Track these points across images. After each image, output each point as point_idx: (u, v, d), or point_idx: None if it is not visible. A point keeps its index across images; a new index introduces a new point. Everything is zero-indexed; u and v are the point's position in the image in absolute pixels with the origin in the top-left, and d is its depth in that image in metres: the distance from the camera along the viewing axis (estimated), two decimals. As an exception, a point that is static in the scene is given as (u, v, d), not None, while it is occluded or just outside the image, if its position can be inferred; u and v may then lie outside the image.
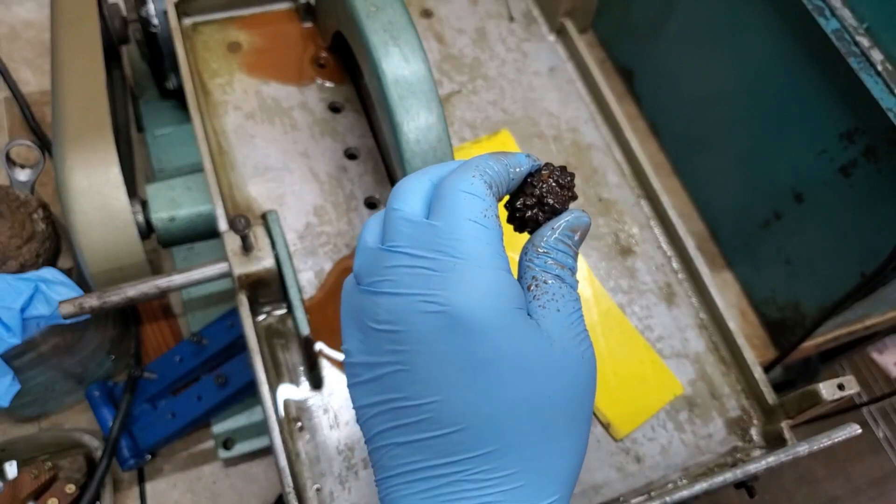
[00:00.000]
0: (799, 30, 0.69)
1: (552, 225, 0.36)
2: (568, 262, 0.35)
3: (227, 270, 0.57)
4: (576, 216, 0.36)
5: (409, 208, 0.33)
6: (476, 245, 0.32)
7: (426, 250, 0.32)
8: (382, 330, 0.32)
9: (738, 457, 0.60)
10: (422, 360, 0.31)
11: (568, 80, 0.79)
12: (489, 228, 0.33)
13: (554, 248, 0.35)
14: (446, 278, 0.31)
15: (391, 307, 0.32)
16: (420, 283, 0.31)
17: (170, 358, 0.71)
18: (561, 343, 0.32)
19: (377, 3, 0.52)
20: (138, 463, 0.69)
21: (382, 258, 0.33)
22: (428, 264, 0.31)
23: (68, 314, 0.55)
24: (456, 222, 0.32)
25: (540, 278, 0.34)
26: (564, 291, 0.34)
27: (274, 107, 0.69)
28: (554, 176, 0.37)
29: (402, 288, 0.32)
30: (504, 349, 0.31)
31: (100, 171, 0.62)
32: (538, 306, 0.33)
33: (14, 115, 0.91)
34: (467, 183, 0.33)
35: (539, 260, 0.35)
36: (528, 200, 0.37)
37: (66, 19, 0.71)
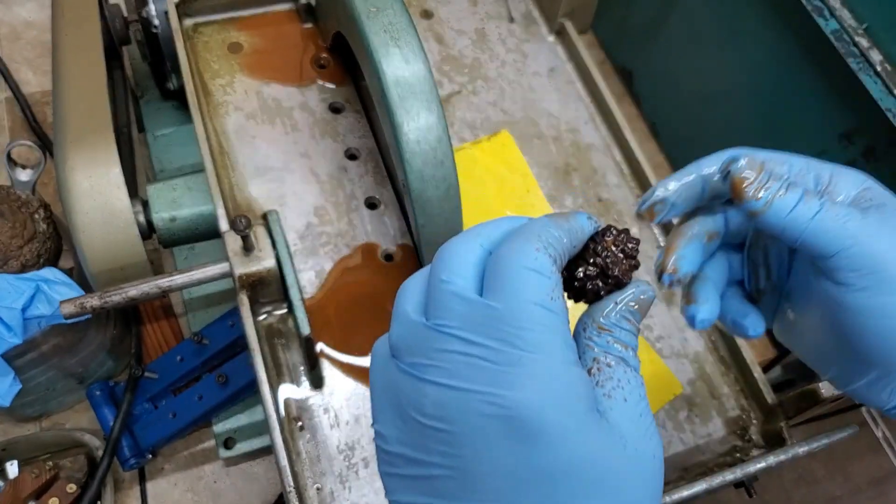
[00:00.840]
0: (798, 30, 0.69)
1: (615, 299, 0.32)
2: (632, 341, 0.31)
3: (227, 270, 0.57)
4: (642, 290, 0.32)
5: (462, 281, 0.29)
6: (544, 335, 0.28)
7: (484, 337, 0.28)
8: (430, 426, 0.28)
9: (737, 456, 0.60)
10: (480, 469, 0.27)
11: (567, 81, 0.79)
12: (557, 314, 0.29)
13: (617, 326, 0.31)
14: (511, 374, 0.27)
15: (442, 401, 0.28)
16: (479, 378, 0.27)
17: (171, 357, 0.71)
18: (633, 443, 0.28)
19: (377, 4, 0.53)
20: (139, 462, 0.69)
21: (429, 338, 0.29)
22: (487, 355, 0.27)
23: (69, 314, 0.55)
24: (520, 306, 0.28)
25: (602, 360, 0.30)
26: (630, 376, 0.30)
27: (275, 107, 0.69)
28: (618, 243, 0.33)
29: (457, 380, 0.28)
30: (576, 459, 0.27)
31: (101, 172, 0.62)
32: (603, 395, 0.29)
33: (15, 116, 0.91)
34: (532, 258, 0.29)
35: (601, 339, 0.31)
36: (590, 270, 0.33)
37: (68, 20, 0.71)
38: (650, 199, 0.37)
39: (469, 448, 0.27)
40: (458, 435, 0.27)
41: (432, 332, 0.28)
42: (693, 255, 0.37)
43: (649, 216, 0.37)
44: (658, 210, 0.37)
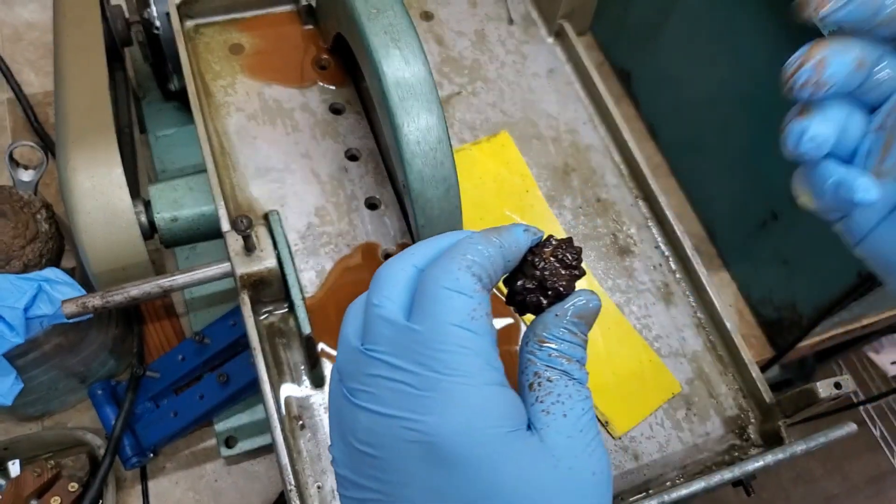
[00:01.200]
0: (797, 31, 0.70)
1: (556, 311, 0.31)
2: (576, 353, 0.30)
3: (229, 270, 0.57)
4: (583, 301, 0.31)
5: (389, 304, 0.29)
6: (462, 357, 0.27)
7: (407, 361, 0.27)
8: (362, 451, 0.28)
9: (735, 455, 0.61)
10: (405, 494, 0.27)
11: (566, 82, 0.79)
12: (478, 334, 0.28)
13: (558, 339, 0.30)
14: (428, 400, 0.27)
15: (370, 427, 0.28)
16: (400, 403, 0.27)
17: (172, 357, 0.72)
18: (567, 460, 0.27)
19: (378, 6, 0.53)
20: (141, 461, 0.69)
21: (361, 362, 0.29)
22: (408, 379, 0.27)
23: (71, 313, 0.56)
24: (439, 328, 0.27)
25: (543, 375, 0.29)
26: (572, 391, 0.29)
27: (275, 108, 0.70)
28: (557, 253, 0.32)
29: (382, 406, 0.27)
30: (497, 482, 0.26)
31: (103, 172, 0.62)
32: (541, 411, 0.29)
33: (17, 116, 0.92)
34: (451, 277, 0.28)
35: (542, 353, 0.30)
36: (529, 283, 0.32)
37: (69, 21, 0.72)
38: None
39: (395, 474, 0.27)
40: (385, 461, 0.27)
41: (363, 357, 0.28)
42: (841, 65, 0.31)
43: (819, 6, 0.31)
44: None
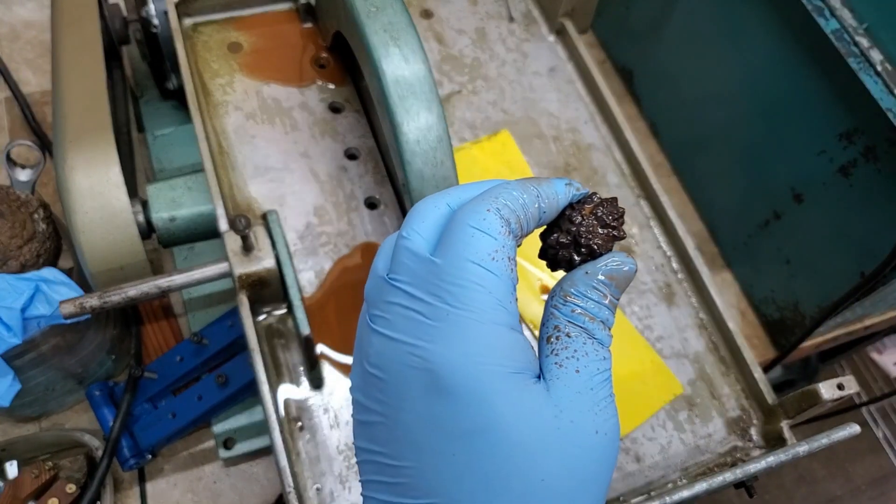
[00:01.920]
0: (798, 30, 0.69)
1: (586, 269, 0.30)
2: (600, 313, 0.30)
3: (227, 270, 0.57)
4: (616, 261, 0.30)
5: (417, 237, 0.29)
6: (475, 293, 0.27)
7: (423, 291, 0.28)
8: (371, 373, 0.29)
9: (737, 456, 0.60)
10: (403, 418, 0.28)
11: (568, 81, 0.79)
12: (496, 275, 0.28)
13: (584, 296, 0.30)
14: (436, 329, 0.27)
15: (380, 350, 0.28)
16: (410, 330, 0.28)
17: (170, 358, 0.71)
18: (570, 413, 0.27)
19: (377, 4, 0.52)
20: (139, 463, 0.69)
21: (384, 290, 0.29)
22: (422, 308, 0.28)
23: (69, 314, 0.55)
24: (457, 263, 0.28)
25: (563, 330, 0.29)
26: (589, 349, 0.29)
27: (274, 107, 0.69)
28: (598, 211, 0.31)
29: (394, 331, 0.28)
30: (492, 419, 0.26)
31: (100, 171, 0.62)
32: (554, 363, 0.29)
33: (15, 116, 0.91)
34: (479, 216, 0.29)
35: (565, 308, 0.30)
36: (563, 238, 0.32)
37: (67, 20, 0.71)
38: None
39: (395, 397, 0.28)
40: (389, 384, 0.28)
41: (387, 285, 0.29)
42: None
43: None
44: None
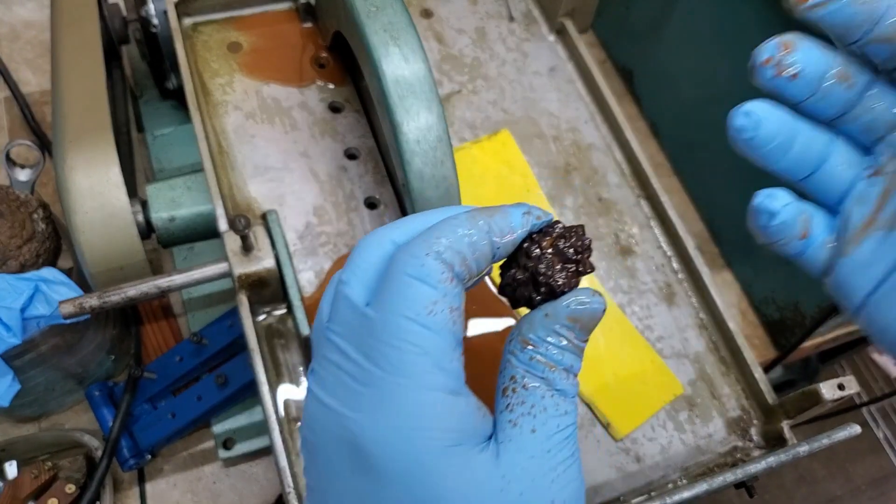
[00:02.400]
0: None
1: (546, 310, 0.27)
2: (563, 360, 0.26)
3: (227, 270, 0.57)
4: (579, 301, 0.27)
5: (356, 283, 0.26)
6: (408, 355, 0.24)
7: (355, 350, 0.25)
8: (304, 436, 0.26)
9: (738, 457, 0.60)
10: (332, 492, 0.25)
11: (568, 80, 0.79)
12: (433, 331, 0.24)
13: (544, 342, 0.26)
14: (363, 396, 0.24)
15: (314, 412, 0.26)
16: (339, 394, 0.25)
17: (170, 358, 0.71)
18: (520, 484, 0.24)
19: (377, 3, 0.52)
20: (138, 463, 0.69)
21: (321, 342, 0.26)
22: (353, 370, 0.25)
23: (68, 314, 0.55)
24: (390, 319, 0.24)
25: (520, 381, 0.26)
26: (548, 403, 0.26)
27: (274, 107, 0.69)
28: (559, 243, 0.28)
29: (325, 393, 0.25)
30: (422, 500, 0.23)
31: (100, 171, 0.62)
32: (508, 421, 0.25)
33: (14, 115, 0.91)
34: (416, 263, 0.25)
35: (523, 355, 0.26)
36: (520, 274, 0.28)
37: (67, 19, 0.71)
38: None
39: (325, 469, 0.25)
40: (318, 452, 0.26)
41: (323, 337, 0.26)
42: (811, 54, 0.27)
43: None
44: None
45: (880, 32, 0.25)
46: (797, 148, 0.28)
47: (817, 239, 0.29)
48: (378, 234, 0.28)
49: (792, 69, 0.28)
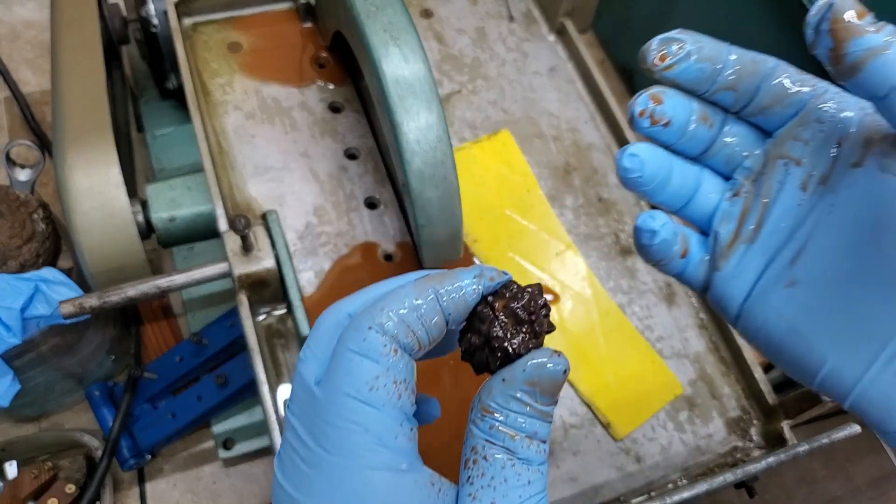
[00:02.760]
0: (798, 31, 0.69)
1: (504, 375, 0.26)
2: (527, 426, 0.25)
3: (227, 270, 0.57)
4: (535, 364, 0.26)
5: (313, 360, 0.26)
6: (350, 434, 0.24)
7: (305, 429, 0.25)
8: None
9: (738, 457, 0.60)
10: None
11: (568, 80, 0.79)
12: (375, 407, 0.24)
13: (503, 408, 0.25)
14: (309, 479, 0.24)
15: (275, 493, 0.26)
16: (292, 478, 0.25)
17: (170, 358, 0.71)
18: None
19: (377, 3, 0.52)
20: (138, 463, 0.69)
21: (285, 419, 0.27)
22: (302, 451, 0.25)
23: (68, 314, 0.55)
24: (333, 397, 0.24)
25: (480, 451, 0.25)
26: (510, 473, 0.24)
27: (274, 107, 0.69)
28: (511, 305, 0.27)
29: (282, 476, 0.25)
30: None
31: (100, 171, 0.62)
32: (468, 496, 0.24)
33: (14, 115, 0.91)
34: (359, 337, 0.25)
35: (483, 424, 0.25)
36: (475, 339, 0.27)
37: (67, 19, 0.71)
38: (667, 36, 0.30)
39: None
40: None
41: (286, 416, 0.26)
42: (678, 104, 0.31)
43: (659, 59, 0.30)
44: (671, 53, 0.30)
45: (721, 83, 0.31)
46: (674, 182, 0.32)
47: (695, 258, 0.33)
48: (334, 308, 0.28)
49: (664, 118, 0.31)
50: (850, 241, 0.28)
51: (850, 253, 0.28)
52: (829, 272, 0.29)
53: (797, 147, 0.31)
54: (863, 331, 0.28)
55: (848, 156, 0.29)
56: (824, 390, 0.31)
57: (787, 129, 0.32)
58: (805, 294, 0.30)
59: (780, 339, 0.30)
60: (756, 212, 0.31)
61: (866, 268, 0.28)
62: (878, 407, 0.29)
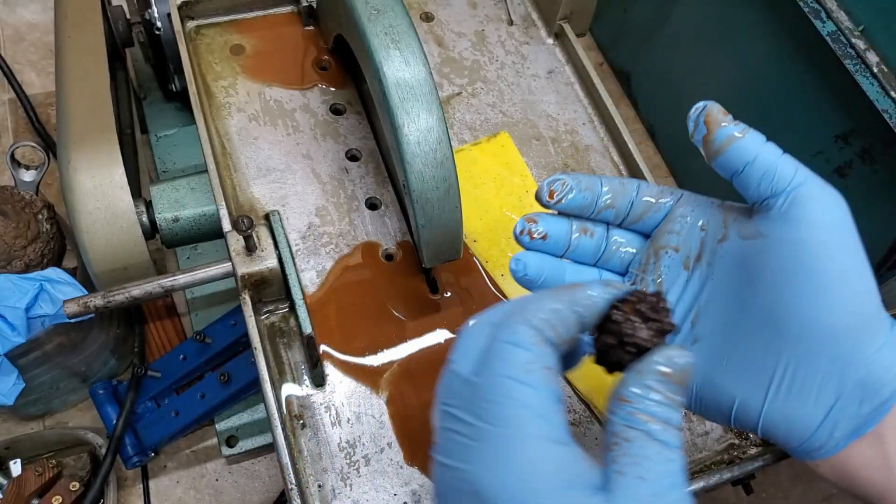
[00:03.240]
0: (795, 32, 0.70)
1: (637, 367, 0.29)
2: (660, 413, 0.28)
3: (230, 270, 0.57)
4: (666, 357, 0.29)
5: (462, 360, 0.30)
6: (511, 409, 0.27)
7: (466, 412, 0.28)
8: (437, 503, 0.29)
9: (734, 454, 0.61)
10: None
11: (566, 83, 0.80)
12: (531, 387, 0.28)
13: (638, 397, 0.28)
14: (477, 450, 0.27)
15: (440, 478, 0.29)
16: (458, 454, 0.28)
17: (174, 356, 0.72)
18: None
19: (378, 7, 0.53)
20: (142, 460, 0.69)
21: (440, 416, 0.30)
22: (465, 430, 0.28)
23: (73, 313, 0.56)
24: (492, 380, 0.28)
25: (621, 435, 0.28)
26: (651, 451, 0.27)
27: (276, 109, 0.70)
28: (639, 307, 0.31)
29: (446, 457, 0.28)
30: None
31: (104, 172, 0.63)
32: (615, 472, 0.27)
33: (19, 117, 0.92)
34: (510, 331, 0.29)
35: (621, 412, 0.28)
36: (609, 339, 0.31)
37: (71, 22, 0.72)
38: (552, 178, 0.40)
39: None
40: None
41: (440, 412, 0.30)
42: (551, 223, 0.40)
43: (549, 196, 0.39)
44: (557, 189, 0.39)
45: (601, 205, 0.39)
46: (569, 280, 0.40)
47: None
48: (479, 318, 0.32)
49: (540, 233, 0.39)
50: (732, 296, 0.35)
51: (733, 306, 0.35)
52: (720, 325, 0.36)
53: (672, 238, 0.39)
54: (754, 365, 0.34)
55: (713, 234, 0.37)
56: (739, 424, 0.36)
57: (661, 226, 0.40)
58: (707, 347, 0.36)
59: (698, 390, 0.37)
60: None
61: (745, 312, 0.34)
62: (781, 427, 0.34)
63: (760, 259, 0.34)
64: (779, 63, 0.73)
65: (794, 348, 0.32)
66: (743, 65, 0.78)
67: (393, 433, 0.55)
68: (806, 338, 0.32)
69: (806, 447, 0.34)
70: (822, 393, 0.32)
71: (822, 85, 0.70)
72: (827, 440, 0.33)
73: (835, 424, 0.33)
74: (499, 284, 0.64)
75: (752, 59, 0.76)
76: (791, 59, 0.72)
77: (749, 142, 0.34)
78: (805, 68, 0.71)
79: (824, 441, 0.33)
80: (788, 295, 0.32)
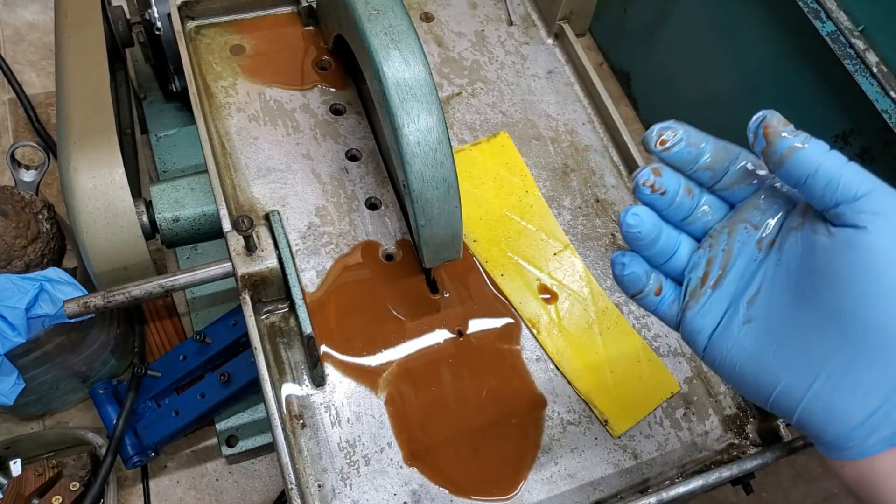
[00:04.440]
0: (794, 32, 0.70)
1: None
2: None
3: (230, 270, 0.57)
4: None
5: None
6: None
7: None
8: None
9: (734, 454, 0.61)
10: None
11: (566, 83, 0.80)
12: None
13: None
14: None
15: None
16: None
17: (174, 356, 0.72)
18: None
19: (378, 7, 0.53)
20: (142, 460, 0.69)
21: None
22: None
23: (73, 313, 0.56)
24: None
25: None
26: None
27: (276, 109, 0.70)
28: None
29: None
30: None
31: (104, 172, 0.63)
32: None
33: (19, 117, 0.92)
34: None
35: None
36: None
37: (71, 22, 0.72)
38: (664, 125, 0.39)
39: None
40: None
41: None
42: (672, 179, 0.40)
43: (659, 143, 0.39)
44: (668, 138, 0.39)
45: (702, 164, 0.40)
46: (661, 242, 0.41)
47: (668, 298, 0.41)
48: None
49: (663, 188, 0.40)
50: (793, 285, 0.37)
51: (793, 294, 0.37)
52: (778, 310, 0.37)
53: (755, 215, 0.39)
54: (806, 355, 0.36)
55: (790, 222, 0.38)
56: (776, 407, 0.37)
57: (750, 199, 0.40)
58: (760, 329, 0.38)
59: (742, 366, 0.38)
60: (720, 263, 0.40)
61: (805, 305, 0.36)
62: (819, 417, 0.36)
63: (828, 257, 0.35)
64: (779, 63, 0.74)
65: (853, 347, 0.34)
66: (742, 64, 0.78)
67: (392, 433, 0.56)
68: (867, 339, 0.34)
69: (840, 443, 0.35)
70: (871, 394, 0.34)
71: (822, 85, 0.70)
72: (862, 441, 0.35)
73: (875, 426, 0.34)
74: (499, 284, 0.64)
75: (751, 59, 0.76)
76: (791, 59, 0.72)
77: (810, 152, 0.35)
78: (805, 68, 0.71)
79: (860, 441, 0.35)
80: (854, 297, 0.34)
